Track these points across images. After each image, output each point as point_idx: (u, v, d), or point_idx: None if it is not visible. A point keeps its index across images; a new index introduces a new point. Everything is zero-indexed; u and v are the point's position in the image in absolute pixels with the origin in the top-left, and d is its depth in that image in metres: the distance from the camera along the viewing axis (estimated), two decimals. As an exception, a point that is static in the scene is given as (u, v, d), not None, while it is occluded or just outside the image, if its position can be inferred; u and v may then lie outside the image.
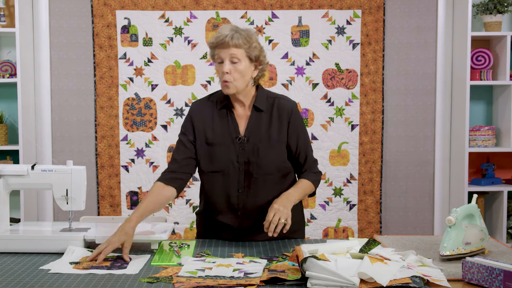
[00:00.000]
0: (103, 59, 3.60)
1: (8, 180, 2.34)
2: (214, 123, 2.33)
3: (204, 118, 2.34)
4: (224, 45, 2.24)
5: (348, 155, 3.69)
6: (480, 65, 3.69)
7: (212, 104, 2.35)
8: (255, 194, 2.32)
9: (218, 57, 2.25)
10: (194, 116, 2.35)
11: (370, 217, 3.70)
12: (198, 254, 2.21)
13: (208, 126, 2.32)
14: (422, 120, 3.71)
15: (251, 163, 2.29)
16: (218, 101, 2.34)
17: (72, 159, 2.80)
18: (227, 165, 2.29)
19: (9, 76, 3.56)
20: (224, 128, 2.31)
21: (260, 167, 2.29)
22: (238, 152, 2.29)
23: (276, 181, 2.34)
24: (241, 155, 2.29)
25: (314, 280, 1.74)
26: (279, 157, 2.33)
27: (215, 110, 2.33)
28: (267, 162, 2.30)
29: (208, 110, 2.35)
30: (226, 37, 2.24)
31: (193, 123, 2.34)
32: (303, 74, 3.64)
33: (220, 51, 2.24)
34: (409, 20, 3.67)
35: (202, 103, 2.38)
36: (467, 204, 2.19)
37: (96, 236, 2.25)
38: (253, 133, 2.29)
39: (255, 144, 2.29)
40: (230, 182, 2.31)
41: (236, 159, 2.29)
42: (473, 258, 1.80)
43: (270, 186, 2.32)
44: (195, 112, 2.36)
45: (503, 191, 3.66)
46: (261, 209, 2.29)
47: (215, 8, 3.60)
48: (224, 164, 2.30)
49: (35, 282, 1.85)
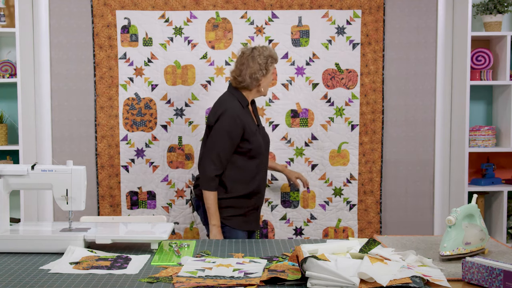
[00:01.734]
0: (103, 59, 3.60)
1: (8, 180, 2.34)
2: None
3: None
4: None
5: (348, 155, 3.69)
6: (480, 65, 3.69)
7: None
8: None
9: (273, 71, 3.01)
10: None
11: (370, 217, 3.70)
12: (198, 254, 2.21)
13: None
14: (422, 120, 3.71)
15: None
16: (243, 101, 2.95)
17: (72, 159, 2.81)
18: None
19: (9, 76, 3.56)
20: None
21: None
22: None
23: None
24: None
25: (314, 280, 1.74)
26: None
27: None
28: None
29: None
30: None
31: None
32: (303, 74, 3.64)
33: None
34: (409, 20, 3.67)
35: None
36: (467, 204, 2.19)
37: (96, 236, 2.26)
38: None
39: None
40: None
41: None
42: (473, 258, 1.80)
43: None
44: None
45: (503, 191, 3.66)
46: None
47: (215, 8, 3.60)
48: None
49: (35, 282, 1.85)
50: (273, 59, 2.94)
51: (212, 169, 2.82)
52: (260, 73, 2.90)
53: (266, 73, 2.92)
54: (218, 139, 2.83)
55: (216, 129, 2.84)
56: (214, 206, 2.84)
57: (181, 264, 2.05)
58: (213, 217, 2.84)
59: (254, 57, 2.90)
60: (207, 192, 2.83)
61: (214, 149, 2.83)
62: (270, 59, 2.92)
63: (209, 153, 2.84)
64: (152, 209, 3.66)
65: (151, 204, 3.65)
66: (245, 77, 2.89)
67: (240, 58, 2.95)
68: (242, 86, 2.92)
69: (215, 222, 2.84)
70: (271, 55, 2.93)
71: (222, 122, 2.83)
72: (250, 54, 2.92)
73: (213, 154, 2.82)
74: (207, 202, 2.84)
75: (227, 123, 2.82)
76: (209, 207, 2.84)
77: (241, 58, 2.93)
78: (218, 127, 2.83)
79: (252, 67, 2.88)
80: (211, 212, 2.84)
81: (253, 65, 2.88)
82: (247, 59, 2.91)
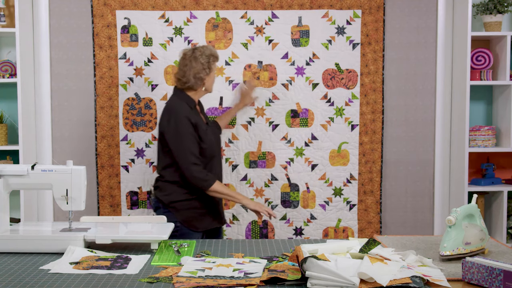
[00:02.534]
0: (103, 59, 3.60)
1: (8, 180, 2.34)
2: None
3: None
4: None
5: (348, 155, 3.69)
6: (480, 65, 3.69)
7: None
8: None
9: (214, 68, 3.04)
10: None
11: (370, 217, 3.70)
12: (198, 254, 2.21)
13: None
14: (422, 120, 3.71)
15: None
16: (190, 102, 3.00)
17: (72, 159, 2.80)
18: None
19: (9, 76, 3.56)
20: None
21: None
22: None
23: None
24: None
25: (314, 280, 1.74)
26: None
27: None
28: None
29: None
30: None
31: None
32: (303, 74, 3.64)
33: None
34: (409, 20, 3.67)
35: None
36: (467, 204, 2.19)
37: (96, 236, 2.26)
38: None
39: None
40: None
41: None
42: (473, 258, 1.80)
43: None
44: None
45: (503, 191, 3.66)
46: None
47: (215, 8, 3.60)
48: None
49: (35, 282, 1.85)
50: (215, 58, 3.04)
51: (196, 169, 2.88)
52: (204, 72, 2.99)
53: (209, 72, 3.02)
54: (182, 140, 2.88)
55: (175, 133, 2.89)
56: (226, 190, 2.97)
57: (181, 264, 2.05)
58: (236, 197, 3.00)
59: (196, 57, 2.98)
60: (211, 188, 2.90)
61: (184, 151, 2.87)
62: (212, 57, 3.02)
63: (184, 158, 2.87)
64: (152, 209, 3.66)
65: (151, 204, 3.65)
66: (189, 78, 2.97)
67: (182, 60, 3.03)
68: (187, 87, 3.00)
69: (240, 197, 3.00)
70: (212, 54, 3.02)
71: (177, 125, 2.88)
72: (192, 54, 3.00)
73: (190, 156, 2.87)
74: (220, 194, 2.95)
75: (182, 125, 2.88)
76: (226, 195, 2.96)
77: (184, 60, 3.02)
78: (176, 131, 2.88)
79: (195, 67, 2.97)
80: (232, 196, 2.99)
81: (196, 65, 2.97)
82: (189, 60, 2.99)
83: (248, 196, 3.64)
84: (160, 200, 3.00)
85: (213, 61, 3.03)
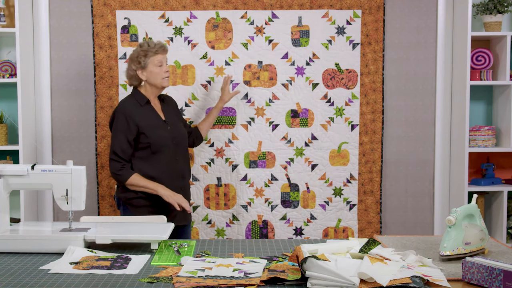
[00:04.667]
0: (103, 59, 3.60)
1: (8, 180, 2.34)
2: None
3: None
4: (165, 51, 3.05)
5: (348, 155, 3.69)
6: (480, 65, 3.69)
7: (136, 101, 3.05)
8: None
9: (158, 61, 2.99)
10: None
11: (370, 217, 3.70)
12: (198, 254, 2.21)
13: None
14: (422, 120, 3.71)
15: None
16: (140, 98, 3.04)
17: (72, 159, 2.80)
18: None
19: (9, 76, 3.56)
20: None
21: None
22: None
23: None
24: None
25: (314, 280, 1.74)
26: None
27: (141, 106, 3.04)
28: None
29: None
30: (165, 45, 3.06)
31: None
32: (303, 74, 3.64)
33: (162, 56, 3.01)
34: (409, 20, 3.67)
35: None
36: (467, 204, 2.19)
37: (96, 236, 2.25)
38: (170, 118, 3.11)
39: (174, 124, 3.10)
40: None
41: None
42: (473, 258, 1.80)
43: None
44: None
45: (503, 191, 3.66)
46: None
47: (215, 8, 3.60)
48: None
49: (35, 282, 1.85)
50: (146, 51, 3.00)
51: (115, 165, 2.96)
52: (133, 67, 3.02)
53: (139, 65, 3.00)
54: (113, 138, 2.99)
55: (112, 130, 3.02)
56: (143, 182, 2.94)
57: (181, 264, 2.06)
58: (151, 187, 2.94)
59: (131, 54, 3.08)
60: (128, 181, 2.95)
61: (112, 148, 2.98)
62: (140, 51, 3.01)
63: (110, 154, 3.00)
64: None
65: (151, 204, 3.65)
66: (126, 76, 3.09)
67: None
68: (131, 84, 3.09)
69: (156, 186, 2.94)
70: (144, 49, 3.00)
71: (115, 123, 2.99)
72: (130, 54, 3.10)
73: (111, 153, 2.98)
74: (136, 186, 2.96)
75: (118, 122, 2.97)
76: (142, 186, 2.95)
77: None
78: (113, 128, 3.01)
79: (129, 64, 3.05)
80: (146, 186, 2.94)
81: (130, 62, 3.04)
82: (129, 57, 3.10)
83: (248, 196, 3.65)
84: (119, 197, 3.06)
85: (145, 55, 2.99)
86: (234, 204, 3.64)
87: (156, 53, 3.00)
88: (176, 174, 3.06)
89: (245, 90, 3.62)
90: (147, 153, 2.98)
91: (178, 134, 3.09)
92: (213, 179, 3.65)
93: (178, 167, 3.08)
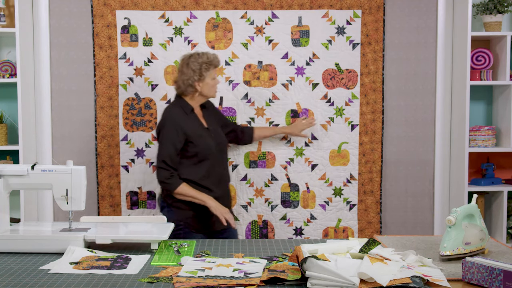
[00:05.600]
0: (103, 59, 3.60)
1: (8, 180, 2.34)
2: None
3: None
4: (220, 63, 3.16)
5: (348, 155, 3.69)
6: (480, 65, 3.69)
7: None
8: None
9: (215, 73, 3.10)
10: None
11: (370, 217, 3.70)
12: (198, 254, 2.22)
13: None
14: (422, 120, 3.71)
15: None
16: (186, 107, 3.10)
17: (72, 159, 2.80)
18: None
19: (9, 76, 3.56)
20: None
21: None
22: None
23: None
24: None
25: (314, 280, 1.74)
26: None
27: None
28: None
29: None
30: (219, 58, 3.15)
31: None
32: (303, 74, 3.64)
33: (216, 69, 3.15)
34: (409, 20, 3.67)
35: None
36: (467, 204, 2.19)
37: (96, 236, 2.26)
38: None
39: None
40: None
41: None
42: (473, 258, 1.80)
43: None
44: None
45: (503, 191, 3.66)
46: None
47: (215, 8, 3.60)
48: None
49: (35, 282, 1.85)
50: (209, 65, 3.06)
51: (163, 173, 3.00)
52: (193, 79, 3.04)
53: (200, 78, 3.05)
54: (161, 146, 3.03)
55: (160, 139, 3.05)
56: (192, 192, 2.99)
57: (181, 264, 2.06)
58: (200, 198, 2.99)
59: (188, 64, 3.06)
60: (177, 190, 2.99)
61: (160, 157, 3.01)
62: (205, 65, 3.05)
63: (157, 162, 3.04)
64: (152, 209, 3.66)
65: (151, 204, 3.65)
66: (180, 84, 3.09)
67: (179, 65, 3.14)
68: (180, 92, 3.11)
69: (205, 198, 2.99)
70: (205, 62, 3.05)
71: (163, 132, 3.02)
72: (186, 61, 3.09)
73: (159, 161, 3.01)
74: (184, 196, 3.00)
75: (166, 132, 3.01)
76: (191, 196, 2.99)
77: (180, 65, 3.13)
78: (161, 137, 3.04)
79: (186, 73, 3.05)
80: (195, 197, 2.99)
81: (187, 72, 3.05)
82: (182, 66, 3.10)
83: (248, 196, 3.65)
84: (164, 200, 3.09)
85: (206, 69, 3.05)
86: (234, 204, 3.64)
87: (215, 66, 3.11)
88: (219, 180, 3.15)
89: (245, 90, 3.62)
90: (194, 161, 3.05)
91: (221, 141, 3.19)
92: (213, 179, 3.65)
93: (222, 173, 3.17)
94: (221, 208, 2.98)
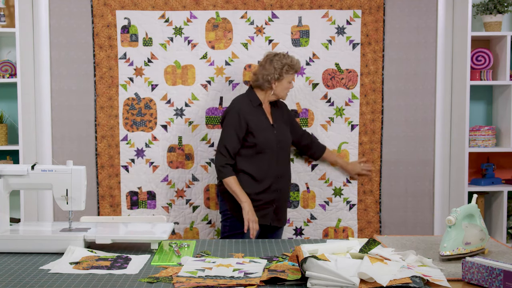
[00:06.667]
0: (103, 59, 3.60)
1: (8, 180, 2.35)
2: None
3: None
4: (298, 71, 3.27)
5: (348, 155, 3.69)
6: (480, 65, 3.69)
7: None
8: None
9: (292, 78, 3.22)
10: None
11: (369, 217, 3.70)
12: (198, 254, 2.22)
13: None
14: (422, 120, 3.71)
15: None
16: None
17: (72, 159, 2.80)
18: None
19: (9, 76, 3.56)
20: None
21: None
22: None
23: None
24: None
25: (314, 280, 1.74)
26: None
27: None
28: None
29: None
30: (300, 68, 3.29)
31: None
32: (303, 74, 3.64)
33: (294, 76, 3.25)
34: (409, 20, 3.67)
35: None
36: (467, 204, 2.19)
37: (96, 236, 2.26)
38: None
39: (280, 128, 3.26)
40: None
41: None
42: (473, 258, 1.80)
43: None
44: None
45: (503, 191, 3.66)
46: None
47: (215, 8, 3.60)
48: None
49: (35, 282, 1.85)
50: (290, 68, 3.18)
51: (221, 159, 3.11)
52: (273, 77, 3.15)
53: (279, 77, 3.17)
54: (224, 133, 3.16)
55: (224, 125, 3.19)
56: (236, 188, 3.08)
57: (181, 264, 2.06)
58: (239, 197, 3.06)
59: (272, 61, 3.18)
60: (225, 180, 3.10)
61: (221, 142, 3.14)
62: (287, 66, 3.17)
63: (218, 147, 3.16)
64: (152, 209, 3.66)
65: (151, 204, 3.65)
66: (258, 77, 3.20)
67: (263, 59, 3.26)
68: (256, 84, 3.22)
69: (244, 199, 3.06)
70: (288, 64, 3.17)
71: (228, 118, 3.16)
72: (271, 58, 3.20)
73: (221, 146, 3.13)
74: (229, 188, 3.10)
75: (230, 118, 3.14)
76: (233, 191, 3.09)
77: (263, 60, 3.25)
78: (225, 123, 3.17)
79: (268, 69, 3.17)
80: (237, 194, 3.07)
81: (269, 68, 3.16)
82: (265, 61, 3.21)
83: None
84: (219, 189, 3.24)
85: (287, 71, 3.16)
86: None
87: (296, 71, 3.23)
88: (275, 175, 3.20)
89: (245, 90, 3.62)
90: (252, 152, 3.15)
91: (283, 139, 3.26)
92: (213, 179, 3.65)
93: (279, 169, 3.22)
94: (251, 215, 3.04)
